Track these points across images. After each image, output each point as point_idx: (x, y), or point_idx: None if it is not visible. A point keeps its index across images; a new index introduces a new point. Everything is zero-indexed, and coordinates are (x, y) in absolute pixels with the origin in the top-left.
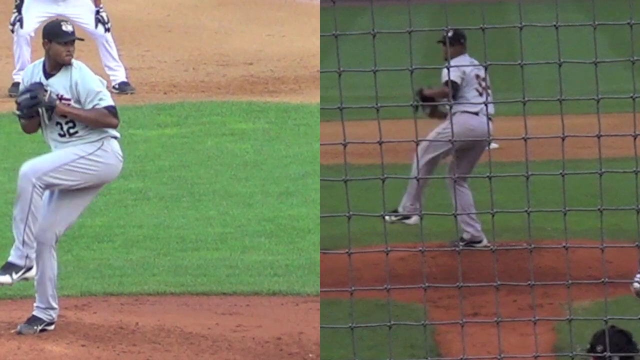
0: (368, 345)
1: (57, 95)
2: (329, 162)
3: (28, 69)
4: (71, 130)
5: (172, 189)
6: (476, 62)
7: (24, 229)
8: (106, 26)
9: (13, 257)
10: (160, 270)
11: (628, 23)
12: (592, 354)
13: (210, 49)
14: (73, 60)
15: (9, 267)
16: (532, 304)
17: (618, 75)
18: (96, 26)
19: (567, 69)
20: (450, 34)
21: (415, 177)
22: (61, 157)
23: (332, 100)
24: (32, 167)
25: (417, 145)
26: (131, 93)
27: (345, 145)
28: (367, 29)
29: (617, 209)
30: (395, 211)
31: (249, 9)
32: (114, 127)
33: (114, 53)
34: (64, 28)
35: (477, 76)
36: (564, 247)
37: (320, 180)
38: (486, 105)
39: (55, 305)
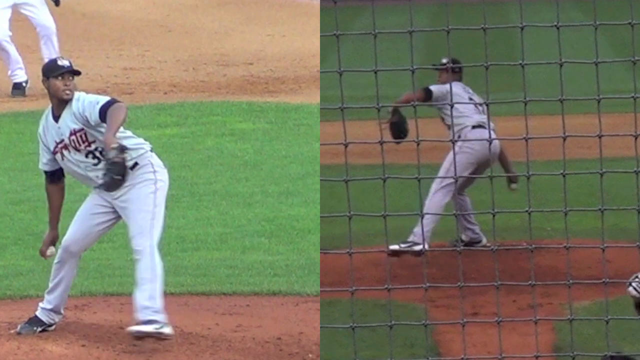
0: (368, 345)
1: (72, 130)
2: (329, 162)
3: (42, 121)
4: (104, 152)
5: (172, 189)
6: (471, 91)
7: (158, 287)
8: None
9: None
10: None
11: (629, 23)
12: None
13: (210, 49)
14: (75, 93)
15: (150, 322)
16: (533, 304)
17: (619, 75)
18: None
19: (567, 69)
20: (444, 60)
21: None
22: (140, 204)
23: (332, 100)
24: (147, 238)
25: (418, 145)
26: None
27: (346, 146)
28: (367, 28)
29: (617, 209)
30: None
31: (249, 9)
32: (125, 108)
33: (56, 50)
34: (59, 63)
35: (471, 99)
36: (565, 247)
37: (320, 180)
38: (487, 106)
39: (62, 311)
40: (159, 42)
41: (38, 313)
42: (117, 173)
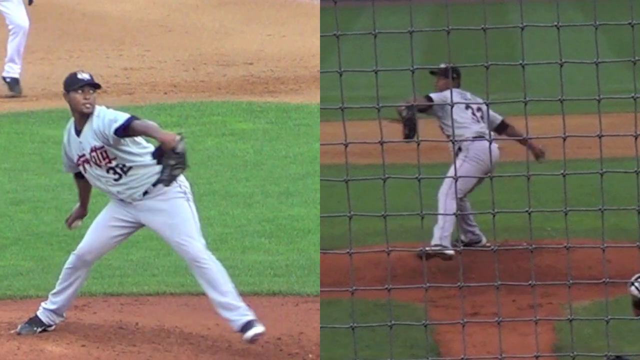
0: (368, 345)
1: (92, 146)
2: (329, 162)
3: (65, 132)
4: (125, 168)
5: None
6: (469, 96)
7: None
8: None
9: (244, 316)
10: (160, 270)
11: (629, 23)
12: None
13: (210, 49)
14: (96, 108)
15: (249, 325)
16: (533, 304)
17: (619, 75)
18: None
19: (568, 69)
20: (442, 65)
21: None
22: (183, 215)
23: (332, 100)
24: (200, 243)
25: (418, 145)
26: (18, 93)
27: (346, 146)
28: (367, 28)
29: (618, 209)
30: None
31: (249, 9)
32: (152, 126)
33: (22, 50)
34: (79, 76)
35: (468, 107)
36: (565, 247)
37: (320, 180)
38: (488, 111)
39: (64, 314)
40: (159, 42)
41: (39, 313)
42: (185, 164)
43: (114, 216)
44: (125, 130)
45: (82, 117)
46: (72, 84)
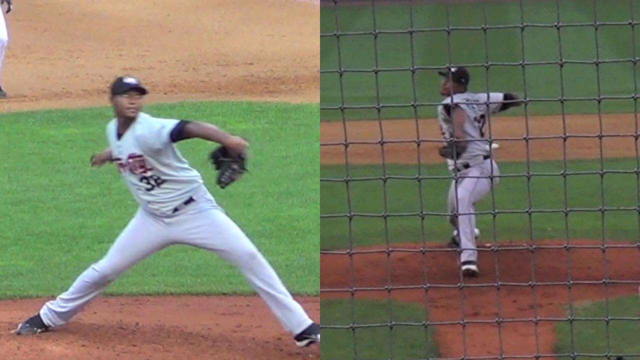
0: (368, 346)
1: (131, 153)
2: (329, 162)
3: (107, 132)
4: (159, 180)
5: None
6: (474, 98)
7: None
8: (10, 6)
9: (303, 322)
10: (160, 270)
11: (629, 23)
12: None
13: (210, 49)
14: (140, 115)
15: (313, 328)
16: (534, 304)
17: (619, 75)
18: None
19: (568, 69)
20: (453, 69)
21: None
22: (224, 221)
23: (332, 101)
24: (247, 242)
25: (418, 145)
26: (2, 96)
27: (346, 146)
28: (367, 28)
29: (618, 209)
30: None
31: (249, 9)
32: (215, 130)
33: (1, 64)
34: (124, 80)
35: (476, 119)
36: (565, 247)
37: (320, 180)
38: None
39: (69, 319)
40: (159, 42)
41: (42, 313)
42: (245, 168)
43: (144, 238)
44: (180, 133)
45: (126, 122)
46: (119, 87)
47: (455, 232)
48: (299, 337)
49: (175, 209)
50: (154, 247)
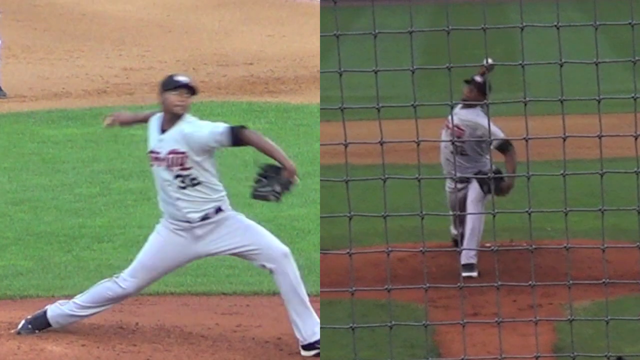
0: (368, 346)
1: (173, 149)
2: (329, 162)
3: (150, 124)
4: (194, 181)
5: None
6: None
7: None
8: None
9: (315, 334)
10: None
11: (629, 23)
12: None
13: (210, 49)
14: (187, 115)
15: (319, 342)
16: (534, 304)
17: (619, 75)
18: None
19: (568, 69)
20: (477, 78)
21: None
22: (250, 224)
23: (332, 101)
24: (276, 240)
25: (418, 145)
26: (3, 96)
27: (346, 146)
28: (367, 28)
29: (618, 209)
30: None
31: (249, 9)
32: (276, 146)
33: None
34: (174, 78)
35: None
36: (565, 247)
37: (320, 180)
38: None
39: (72, 322)
40: (159, 42)
41: (51, 315)
42: (285, 193)
43: (172, 257)
44: (239, 137)
45: (172, 118)
46: (169, 84)
47: (454, 232)
48: (309, 346)
49: (205, 217)
50: (181, 264)
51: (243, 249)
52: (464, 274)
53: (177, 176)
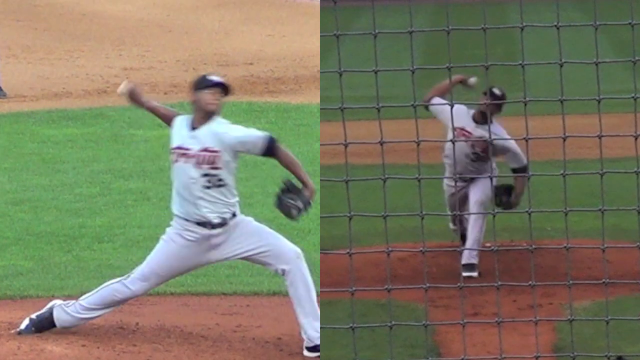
0: (368, 346)
1: (206, 147)
2: (329, 162)
3: (176, 122)
4: (220, 182)
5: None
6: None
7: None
8: None
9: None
10: None
11: (629, 23)
12: None
13: (210, 49)
14: (218, 117)
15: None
16: (534, 304)
17: (619, 75)
18: None
19: (568, 69)
20: (496, 91)
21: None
22: (260, 225)
23: (332, 101)
24: (286, 240)
25: (418, 145)
26: (3, 96)
27: (346, 146)
28: (367, 28)
29: (618, 209)
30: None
31: (249, 9)
32: (298, 162)
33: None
34: (207, 77)
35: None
36: (565, 247)
37: (320, 180)
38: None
39: (77, 325)
40: (159, 42)
41: (57, 317)
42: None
43: (184, 264)
44: (272, 149)
45: (204, 117)
46: (203, 82)
47: (453, 227)
48: (314, 348)
49: (223, 223)
50: (193, 269)
51: (255, 251)
52: (465, 274)
53: (205, 175)
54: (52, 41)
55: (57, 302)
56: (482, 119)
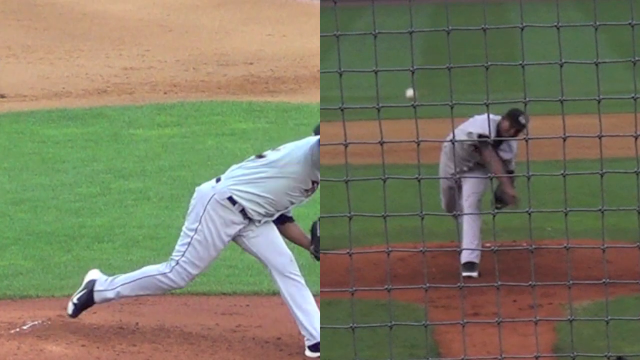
0: (368, 346)
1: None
2: (329, 162)
3: None
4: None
5: (172, 189)
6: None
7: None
8: None
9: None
10: None
11: (629, 23)
12: None
13: (210, 49)
14: None
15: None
16: (534, 304)
17: (619, 75)
18: None
19: (568, 69)
20: (523, 120)
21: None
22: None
23: (332, 101)
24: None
25: (418, 145)
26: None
27: (346, 146)
28: (367, 28)
29: (618, 209)
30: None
31: (249, 9)
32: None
33: None
34: None
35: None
36: (565, 247)
37: (320, 180)
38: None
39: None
40: (159, 42)
41: (98, 299)
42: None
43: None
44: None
45: None
46: None
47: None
48: (314, 347)
49: (260, 221)
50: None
51: (272, 249)
52: (465, 274)
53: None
54: (52, 41)
55: (94, 275)
56: (504, 133)
